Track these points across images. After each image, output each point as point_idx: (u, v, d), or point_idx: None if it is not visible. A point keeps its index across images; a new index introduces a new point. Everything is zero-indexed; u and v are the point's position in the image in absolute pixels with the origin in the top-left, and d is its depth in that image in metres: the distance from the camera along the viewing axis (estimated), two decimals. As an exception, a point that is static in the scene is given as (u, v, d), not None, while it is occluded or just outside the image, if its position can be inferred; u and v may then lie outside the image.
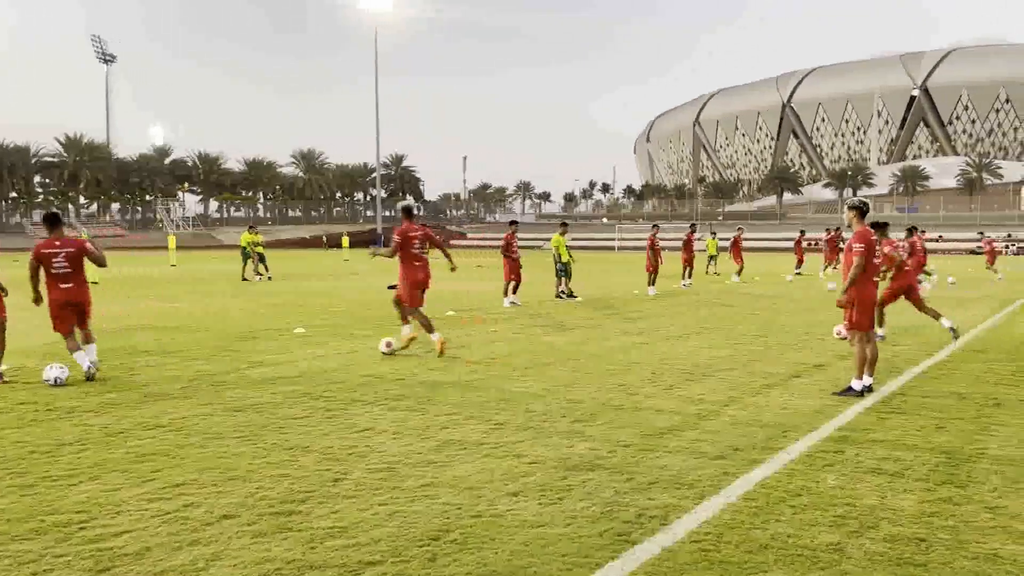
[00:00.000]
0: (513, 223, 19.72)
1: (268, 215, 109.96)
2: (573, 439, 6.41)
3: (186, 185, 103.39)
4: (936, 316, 11.84)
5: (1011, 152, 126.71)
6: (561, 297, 19.91)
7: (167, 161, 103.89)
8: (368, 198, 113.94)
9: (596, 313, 16.58)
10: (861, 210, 8.18)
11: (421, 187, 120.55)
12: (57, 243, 9.15)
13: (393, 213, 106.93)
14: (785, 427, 6.82)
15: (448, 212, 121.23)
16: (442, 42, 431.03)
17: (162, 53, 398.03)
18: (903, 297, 11.84)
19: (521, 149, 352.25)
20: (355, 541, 4.30)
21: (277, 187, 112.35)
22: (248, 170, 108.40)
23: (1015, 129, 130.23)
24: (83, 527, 4.50)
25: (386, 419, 7.12)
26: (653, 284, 22.23)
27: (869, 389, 8.16)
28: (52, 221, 9.37)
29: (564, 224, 20.91)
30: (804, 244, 33.27)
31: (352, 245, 57.05)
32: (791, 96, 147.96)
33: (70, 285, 9.11)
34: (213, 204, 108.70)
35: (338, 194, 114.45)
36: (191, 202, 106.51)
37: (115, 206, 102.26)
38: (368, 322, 14.83)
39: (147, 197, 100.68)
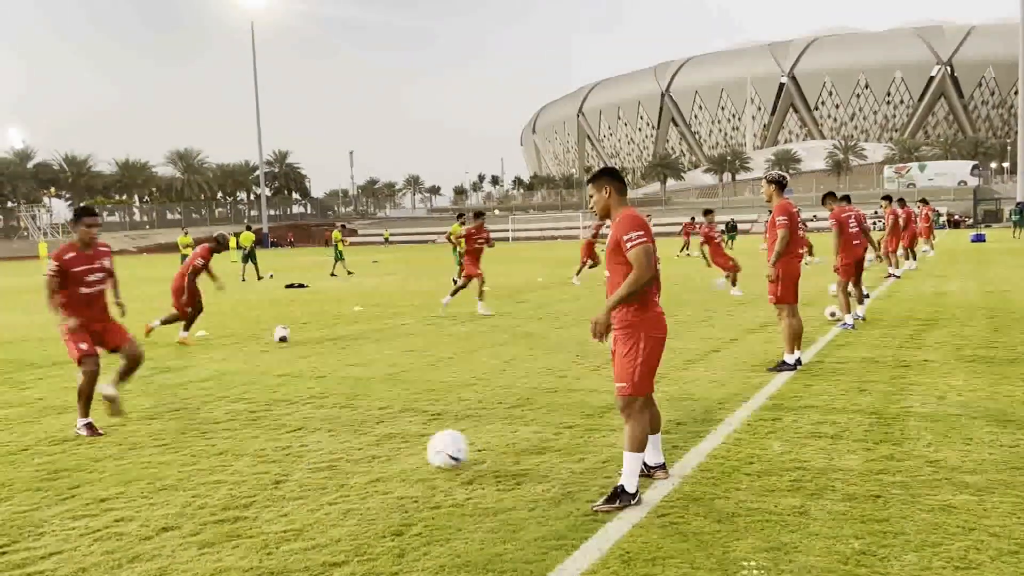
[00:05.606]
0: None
1: (145, 218, 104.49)
2: (515, 424, 6.31)
3: (52, 190, 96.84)
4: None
5: (872, 135, 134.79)
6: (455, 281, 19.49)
7: (30, 165, 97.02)
8: (252, 197, 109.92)
9: (503, 302, 16.52)
10: (780, 183, 8.29)
11: (307, 184, 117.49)
12: None
13: (278, 212, 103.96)
14: (720, 400, 6.92)
15: (336, 209, 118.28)
16: (324, 37, 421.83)
17: (22, 53, 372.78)
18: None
19: (410, 144, 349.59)
20: (314, 543, 4.04)
21: (153, 189, 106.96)
22: (121, 172, 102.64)
23: (875, 113, 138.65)
24: (4, 552, 4.06)
25: (316, 417, 6.81)
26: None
27: (799, 362, 8.23)
28: None
29: (460, 216, 21.98)
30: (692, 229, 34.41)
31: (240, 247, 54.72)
32: (669, 85, 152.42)
33: None
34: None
35: (220, 194, 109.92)
36: (60, 207, 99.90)
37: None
38: (271, 324, 14.25)
39: (8, 204, 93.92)
